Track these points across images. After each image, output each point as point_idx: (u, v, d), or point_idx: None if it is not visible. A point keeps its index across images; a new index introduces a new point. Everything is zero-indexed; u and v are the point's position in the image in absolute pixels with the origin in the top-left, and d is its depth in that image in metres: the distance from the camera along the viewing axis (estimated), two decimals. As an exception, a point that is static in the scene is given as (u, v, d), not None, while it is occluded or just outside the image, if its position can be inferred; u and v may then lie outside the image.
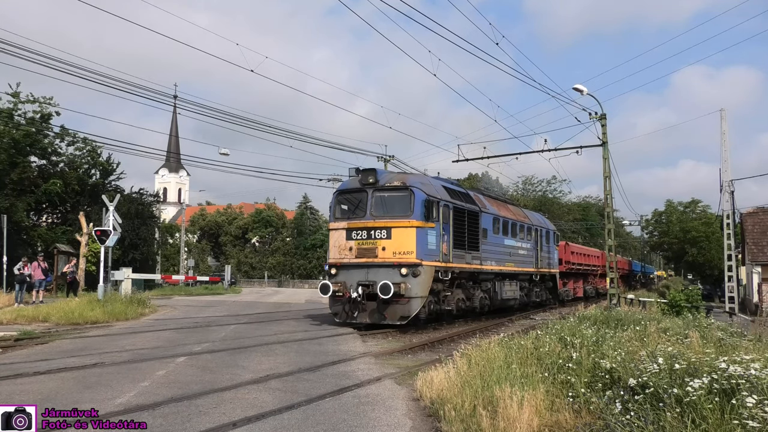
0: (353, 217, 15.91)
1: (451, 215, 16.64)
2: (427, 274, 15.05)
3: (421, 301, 14.90)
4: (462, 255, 17.13)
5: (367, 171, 16.03)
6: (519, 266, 22.15)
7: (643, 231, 67.96)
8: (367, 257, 15.21)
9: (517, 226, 22.47)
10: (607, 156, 23.33)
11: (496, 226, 20.19)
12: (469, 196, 18.82)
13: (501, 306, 21.08)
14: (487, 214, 19.46)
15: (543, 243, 25.22)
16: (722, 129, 30.62)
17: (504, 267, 20.52)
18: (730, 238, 31.12)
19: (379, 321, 14.93)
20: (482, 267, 18.55)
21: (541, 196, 71.72)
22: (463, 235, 17.37)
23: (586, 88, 22.42)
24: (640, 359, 6.62)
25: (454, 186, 18.90)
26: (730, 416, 4.38)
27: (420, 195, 15.21)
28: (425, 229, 15.14)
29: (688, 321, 12.71)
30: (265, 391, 7.31)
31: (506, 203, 23.88)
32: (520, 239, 22.57)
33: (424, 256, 14.92)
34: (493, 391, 5.95)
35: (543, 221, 26.97)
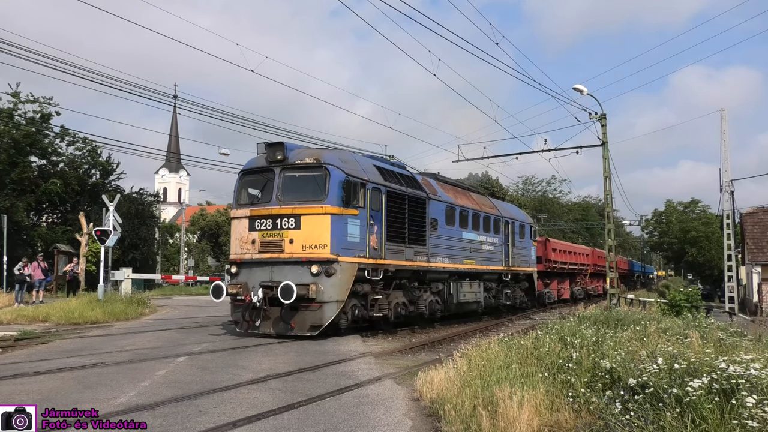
0: (258, 202, 13.18)
1: (385, 201, 13.94)
2: (346, 273, 12.53)
3: (337, 307, 12.37)
4: (400, 250, 14.58)
5: (274, 145, 13.17)
6: (483, 264, 19.47)
7: (643, 231, 68.00)
8: (271, 252, 12.56)
9: (481, 217, 19.68)
10: (607, 156, 23.35)
11: (450, 216, 17.52)
12: (413, 180, 16.11)
13: (459, 310, 18.42)
14: (437, 202, 16.74)
15: (516, 238, 22.52)
16: (722, 129, 30.63)
17: (462, 265, 17.94)
18: (730, 238, 31.13)
19: (284, 332, 12.40)
20: (430, 264, 15.97)
21: (541, 196, 71.73)
22: (403, 225, 14.74)
23: (586, 88, 22.44)
24: (640, 359, 6.62)
25: (392, 167, 15.89)
26: (730, 416, 4.38)
27: (337, 175, 12.57)
28: (344, 217, 12.54)
29: (688, 321, 12.71)
30: (265, 391, 7.31)
31: (468, 191, 20.82)
32: (485, 233, 19.85)
33: (342, 251, 12.39)
34: (493, 391, 5.94)
35: (516, 213, 24.22)
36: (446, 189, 18.26)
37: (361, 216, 13.09)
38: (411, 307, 15.55)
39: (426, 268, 15.87)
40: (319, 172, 12.71)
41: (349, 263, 12.62)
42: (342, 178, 12.62)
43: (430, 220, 16.13)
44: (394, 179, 14.85)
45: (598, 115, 23.30)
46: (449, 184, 19.37)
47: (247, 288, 12.60)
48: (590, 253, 38.77)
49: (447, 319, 18.21)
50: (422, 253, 15.62)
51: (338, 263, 12.30)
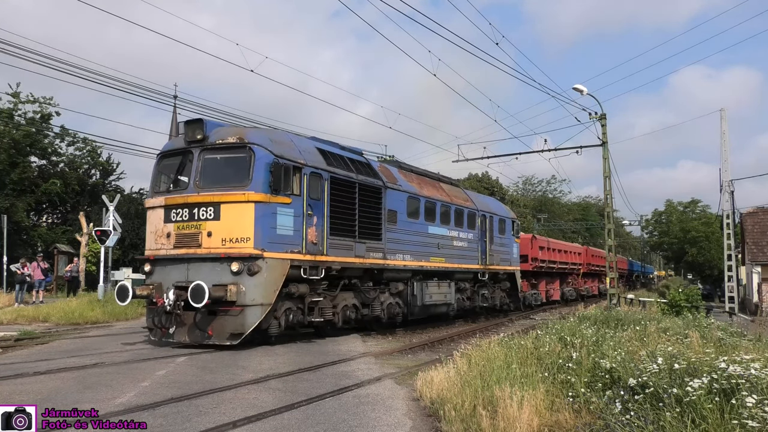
0: (174, 189, 11.55)
1: (328, 189, 12.28)
2: (274, 271, 10.89)
3: (262, 311, 10.71)
4: (348, 245, 12.88)
5: (193, 123, 11.52)
6: (454, 262, 17.72)
7: (643, 231, 68.01)
8: (187, 247, 10.91)
9: (452, 210, 17.91)
10: (607, 156, 23.35)
11: (413, 208, 15.86)
12: (366, 167, 14.34)
13: (425, 314, 16.63)
14: (397, 192, 15.02)
15: (495, 234, 20.65)
16: (722, 129, 30.63)
17: (428, 263, 16.30)
18: (730, 238, 31.13)
19: (201, 340, 10.68)
20: (387, 262, 14.31)
21: (541, 196, 71.81)
22: (351, 217, 13.04)
23: (585, 88, 22.45)
24: (640, 359, 6.63)
25: (341, 150, 14.09)
26: (730, 416, 4.38)
27: (264, 156, 10.93)
28: (272, 205, 10.94)
29: (688, 321, 12.72)
30: (266, 391, 7.31)
31: (439, 182, 18.88)
32: (457, 227, 18.06)
33: (269, 245, 10.81)
34: (493, 391, 5.95)
35: (496, 207, 22.30)
36: (410, 178, 16.52)
37: (295, 205, 11.41)
38: (364, 310, 13.93)
39: (382, 266, 14.16)
40: (242, 154, 11.02)
41: (278, 260, 10.95)
42: (269, 160, 10.92)
43: (388, 211, 14.41)
44: (342, 164, 13.09)
45: (598, 115, 23.30)
46: (415, 173, 17.49)
47: (161, 289, 10.92)
48: (583, 251, 36.76)
49: (411, 324, 16.52)
50: (377, 249, 13.91)
51: (263, 260, 10.66)
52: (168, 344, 11.01)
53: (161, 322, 10.92)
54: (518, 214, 53.69)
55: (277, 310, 11.28)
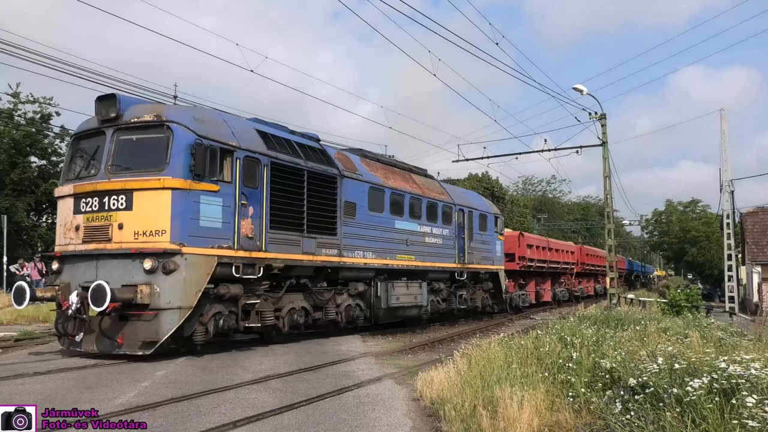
0: (84, 176, 10.17)
1: (268, 176, 10.92)
2: (197, 269, 9.49)
3: (180, 315, 9.27)
4: (294, 240, 11.49)
5: (105, 99, 10.02)
6: (426, 260, 16.37)
7: (643, 231, 68.05)
8: (97, 242, 9.56)
9: (423, 203, 16.52)
10: (607, 156, 23.36)
11: (376, 200, 14.44)
12: (320, 153, 12.87)
13: (391, 317, 15.19)
14: (356, 182, 13.66)
15: (475, 230, 19.22)
16: (722, 129, 30.66)
17: (395, 261, 14.92)
18: (730, 238, 31.16)
19: (110, 350, 9.31)
20: (343, 260, 12.95)
21: (541, 196, 71.89)
22: (298, 209, 11.68)
23: (585, 88, 22.47)
24: (640, 359, 6.63)
25: (286, 134, 12.53)
26: (730, 416, 4.38)
27: (184, 136, 9.56)
28: (194, 193, 9.56)
29: (688, 321, 12.73)
30: (266, 391, 7.31)
31: (410, 173, 17.37)
32: (430, 222, 16.72)
33: (189, 239, 9.43)
34: (494, 391, 5.95)
35: (476, 201, 20.72)
36: (374, 167, 15.14)
37: (224, 193, 10.06)
38: (317, 314, 12.58)
39: (337, 264, 12.80)
40: (159, 134, 9.67)
41: (201, 256, 9.58)
42: (191, 140, 9.56)
43: (344, 203, 13.07)
44: (287, 149, 11.70)
45: (598, 114, 23.31)
46: (381, 163, 16.06)
47: (68, 290, 9.62)
48: (576, 250, 34.99)
49: (375, 329, 15.19)
50: (331, 245, 12.57)
51: (182, 256, 9.28)
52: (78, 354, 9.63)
53: (67, 328, 9.54)
54: (518, 214, 54.01)
55: (204, 315, 9.88)
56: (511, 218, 50.13)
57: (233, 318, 10.41)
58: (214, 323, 10.04)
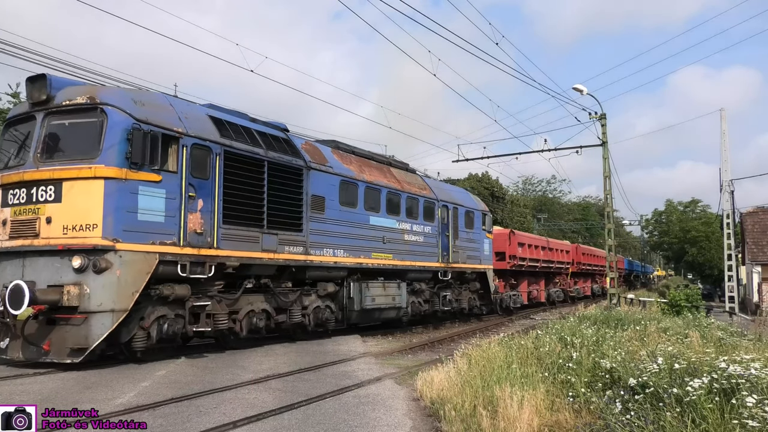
0: (13, 165, 9.30)
1: (221, 166, 10.08)
2: (133, 268, 8.61)
3: (114, 318, 8.39)
4: (252, 237, 10.68)
5: (35, 80, 9.19)
6: (406, 258, 15.47)
7: (643, 231, 68.06)
8: (24, 237, 8.72)
9: (402, 198, 15.60)
10: (607, 156, 23.36)
11: (349, 194, 13.55)
12: (284, 143, 11.98)
13: (365, 320, 14.38)
14: (325, 174, 12.78)
15: (460, 227, 18.30)
16: (722, 129, 30.64)
17: (370, 260, 14.00)
18: (730, 238, 31.14)
19: (36, 357, 8.42)
20: (310, 258, 12.07)
21: (541, 196, 71.89)
22: (258, 202, 10.88)
23: (585, 88, 22.45)
24: (640, 359, 6.64)
25: (246, 121, 11.68)
26: (730, 416, 4.38)
27: (120, 120, 8.73)
28: (131, 183, 8.69)
29: (688, 321, 12.75)
30: (266, 391, 7.32)
31: (389, 166, 16.43)
32: (410, 219, 15.80)
33: (125, 234, 8.55)
34: (494, 391, 5.95)
35: (461, 197, 19.64)
36: (346, 160, 14.21)
37: (168, 184, 9.21)
38: (280, 316, 11.67)
39: (302, 262, 11.93)
40: (92, 118, 8.82)
41: (139, 253, 8.74)
42: (127, 125, 8.73)
43: (312, 197, 12.19)
44: (245, 137, 10.87)
45: (598, 114, 23.30)
46: (356, 155, 15.10)
47: None
48: (572, 249, 33.87)
49: (349, 332, 14.50)
50: (296, 242, 11.67)
51: (116, 253, 8.43)
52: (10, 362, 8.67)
53: None
54: (518, 214, 53.98)
55: (146, 319, 9.02)
56: (511, 218, 50.10)
57: (180, 322, 9.48)
58: (157, 328, 9.13)
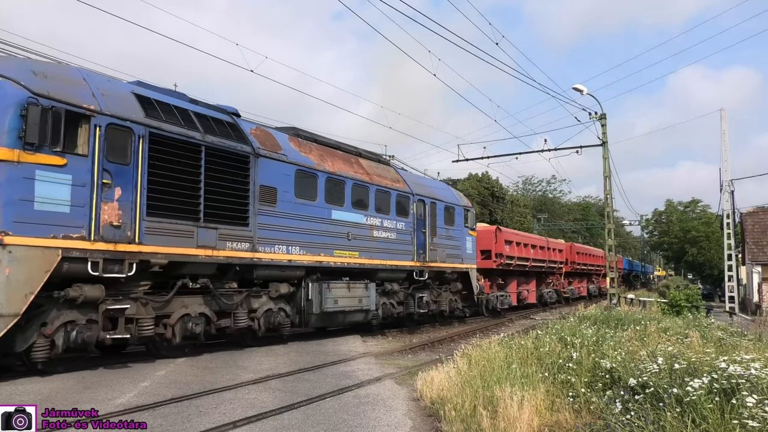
0: None
1: (145, 150, 9.02)
2: (27, 266, 7.58)
3: (3, 324, 7.32)
4: (185, 231, 9.52)
5: None
6: (375, 257, 14.23)
7: (643, 231, 68.07)
8: None
9: (371, 191, 14.35)
10: (607, 156, 23.35)
11: (306, 185, 12.35)
12: (228, 127, 10.87)
13: (327, 323, 13.55)
14: (278, 163, 11.64)
15: (439, 224, 17.07)
16: (722, 129, 30.62)
17: (331, 258, 12.78)
18: (730, 238, 31.12)
19: None
20: (258, 255, 10.91)
21: (541, 196, 71.88)
22: (193, 192, 9.71)
23: (585, 88, 22.44)
24: (640, 359, 6.64)
25: (183, 102, 10.57)
26: (730, 416, 4.38)
27: (12, 93, 7.73)
28: (26, 167, 7.68)
29: (688, 321, 12.75)
30: (266, 391, 7.32)
31: (358, 156, 15.20)
32: (380, 214, 14.58)
33: (17, 226, 7.54)
34: (494, 391, 5.95)
35: (441, 191, 18.24)
36: (305, 148, 12.97)
37: (76, 169, 8.16)
38: (224, 321, 10.53)
39: (249, 260, 10.78)
40: None
41: (35, 249, 7.66)
42: (21, 98, 7.68)
43: (260, 188, 11.07)
44: (176, 119, 9.73)
45: (598, 114, 23.30)
46: (318, 143, 13.84)
47: None
48: (566, 248, 32.26)
49: (308, 337, 13.68)
50: (241, 237, 10.57)
51: (5, 248, 7.39)
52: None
53: None
54: (518, 214, 53.97)
55: (48, 324, 7.93)
56: (511, 218, 50.09)
57: (93, 328, 8.40)
58: (64, 335, 8.05)
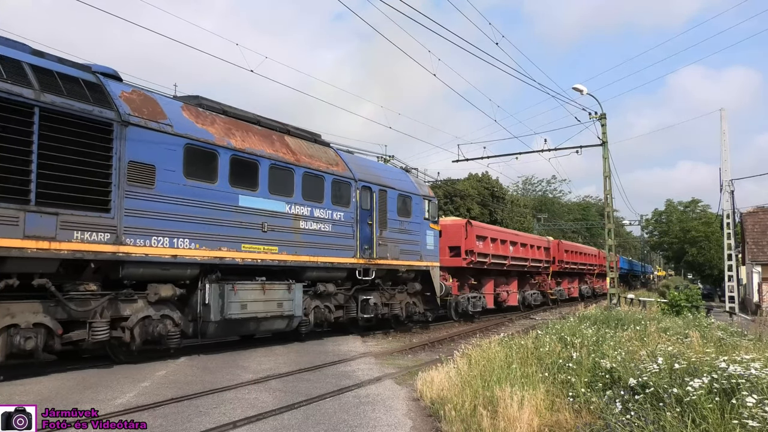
0: None
1: None
2: None
3: None
4: (8, 216, 7.54)
5: None
6: (303, 252, 11.96)
7: (643, 231, 68.11)
8: None
9: (297, 174, 12.03)
10: (606, 156, 23.36)
11: (202, 164, 10.19)
12: (81, 84, 8.76)
13: (231, 332, 11.10)
14: (158, 134, 9.43)
15: (391, 215, 14.82)
16: (722, 129, 30.61)
17: (239, 253, 10.57)
18: (730, 238, 31.12)
19: None
20: (125, 249, 8.79)
21: (541, 196, 71.96)
22: (20, 165, 7.73)
23: (585, 88, 22.45)
24: (640, 359, 6.64)
25: (22, 53, 8.40)
26: (730, 416, 4.38)
27: None
28: None
29: (688, 321, 12.75)
30: (266, 391, 7.32)
31: (286, 133, 12.80)
32: (309, 201, 12.27)
33: None
34: (494, 391, 5.95)
35: (393, 178, 15.78)
36: (206, 120, 10.72)
37: None
38: (76, 332, 8.46)
39: (111, 255, 8.66)
40: None
41: None
42: None
43: (130, 165, 8.95)
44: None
45: (598, 114, 23.31)
46: (228, 116, 11.53)
47: None
48: (552, 245, 29.69)
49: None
50: (97, 226, 8.48)
51: None
52: None
53: None
54: (518, 214, 53.99)
55: None
56: (511, 218, 50.10)
57: None
58: None
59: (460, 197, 45.82)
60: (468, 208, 44.86)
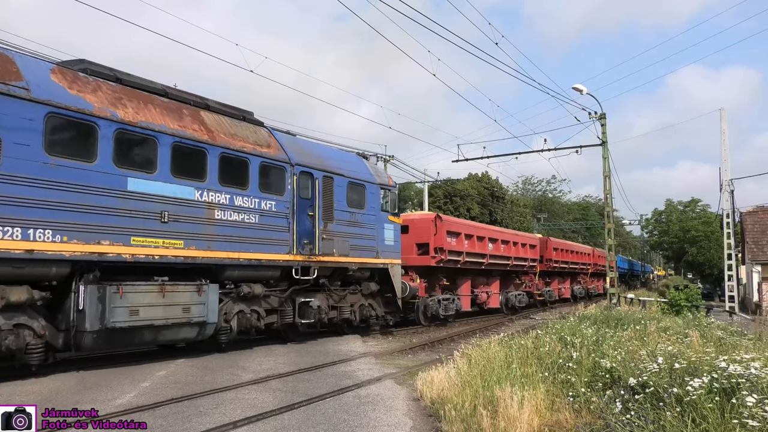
0: None
1: None
2: None
3: None
4: None
5: None
6: (218, 247, 10.21)
7: (643, 230, 68.13)
8: None
9: (212, 155, 10.32)
10: (606, 155, 23.36)
11: (74, 139, 8.50)
12: None
13: (120, 343, 9.24)
14: (5, 99, 7.65)
15: (339, 205, 13.13)
16: (722, 128, 30.61)
17: (126, 247, 8.77)
18: (730, 237, 31.13)
19: None
20: None
21: (541, 195, 71.97)
22: None
23: (585, 88, 22.45)
24: (640, 359, 6.64)
25: None
26: (731, 415, 4.39)
27: None
28: None
29: (688, 320, 12.75)
30: (266, 392, 7.32)
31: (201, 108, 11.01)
32: (230, 187, 10.58)
33: None
34: (494, 391, 5.95)
35: (343, 163, 14.02)
36: (86, 86, 8.93)
37: None
38: None
39: None
40: None
41: None
42: None
43: None
44: None
45: (598, 114, 23.31)
46: (123, 83, 9.76)
47: None
48: (539, 243, 27.37)
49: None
50: None
51: None
52: None
53: None
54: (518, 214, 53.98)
55: None
56: (511, 218, 50.11)
57: None
58: None
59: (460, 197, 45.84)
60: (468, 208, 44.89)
